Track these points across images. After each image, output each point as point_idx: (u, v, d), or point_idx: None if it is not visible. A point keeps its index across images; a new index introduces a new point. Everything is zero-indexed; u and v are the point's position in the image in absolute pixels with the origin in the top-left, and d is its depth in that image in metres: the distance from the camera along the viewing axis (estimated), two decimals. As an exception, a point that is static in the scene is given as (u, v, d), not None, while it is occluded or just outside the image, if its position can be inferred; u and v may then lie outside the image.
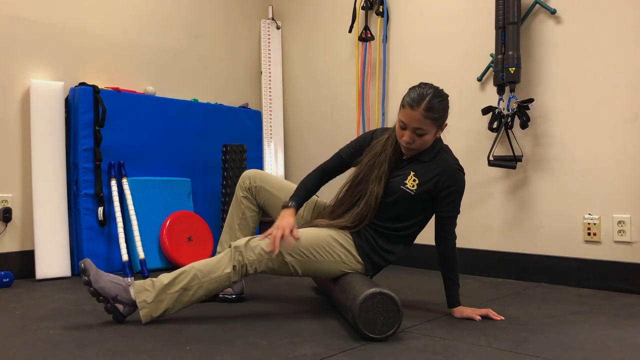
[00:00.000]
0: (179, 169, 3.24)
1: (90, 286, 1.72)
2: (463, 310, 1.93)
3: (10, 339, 1.65)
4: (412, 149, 1.91)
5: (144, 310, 1.76)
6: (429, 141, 1.90)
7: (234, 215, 2.16)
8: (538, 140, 2.72)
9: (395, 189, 1.92)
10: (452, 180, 1.91)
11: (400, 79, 3.25)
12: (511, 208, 2.81)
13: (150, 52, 3.28)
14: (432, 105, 1.82)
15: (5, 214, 2.65)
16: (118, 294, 1.76)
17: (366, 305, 1.62)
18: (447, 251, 1.95)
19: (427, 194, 1.92)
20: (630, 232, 2.45)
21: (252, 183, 2.13)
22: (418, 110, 1.82)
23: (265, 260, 1.82)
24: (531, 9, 2.72)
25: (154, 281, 1.79)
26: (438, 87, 1.91)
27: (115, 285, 1.76)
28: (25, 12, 2.76)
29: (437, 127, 1.89)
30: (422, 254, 2.94)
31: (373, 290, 1.63)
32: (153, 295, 1.77)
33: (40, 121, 2.72)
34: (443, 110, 1.88)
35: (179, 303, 1.80)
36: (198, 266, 1.82)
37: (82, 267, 1.73)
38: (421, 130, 1.85)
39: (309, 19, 3.75)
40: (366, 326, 1.63)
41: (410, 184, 1.91)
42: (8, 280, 2.47)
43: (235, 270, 1.81)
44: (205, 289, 1.80)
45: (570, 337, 1.70)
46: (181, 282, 1.79)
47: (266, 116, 3.77)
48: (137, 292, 1.77)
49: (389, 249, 1.97)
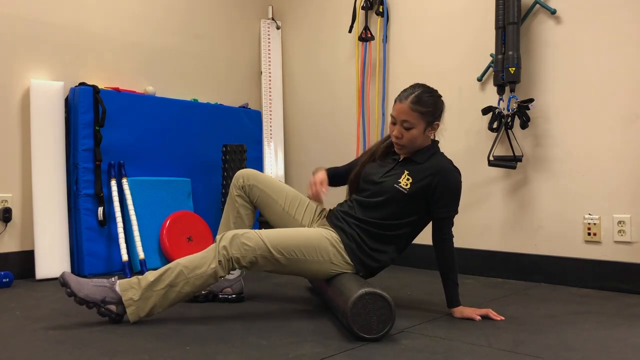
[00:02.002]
0: (179, 169, 3.24)
1: (75, 297, 1.71)
2: (463, 310, 1.93)
3: (10, 339, 1.65)
4: (402, 145, 1.95)
5: (130, 308, 1.75)
6: (417, 137, 1.93)
7: (229, 214, 2.15)
8: (538, 140, 2.72)
9: (389, 187, 1.93)
10: (446, 181, 1.92)
11: (400, 79, 3.25)
12: (511, 208, 2.81)
13: (151, 52, 3.28)
14: (420, 98, 1.90)
15: (5, 214, 2.65)
16: (105, 295, 1.74)
17: (357, 310, 1.61)
18: (445, 252, 1.94)
19: (421, 194, 1.92)
20: (630, 232, 2.45)
21: (245, 182, 2.13)
22: (405, 102, 1.90)
23: (250, 256, 1.81)
24: (531, 9, 2.72)
25: (140, 279, 1.78)
26: (433, 88, 1.97)
27: (100, 288, 1.74)
28: (25, 12, 2.75)
29: (426, 122, 1.93)
30: (422, 254, 2.94)
31: (360, 292, 1.62)
32: (139, 292, 1.76)
33: (40, 121, 2.72)
34: (432, 106, 1.92)
35: (166, 300, 1.78)
36: (184, 262, 1.81)
37: (61, 281, 1.72)
38: (408, 123, 1.91)
39: (309, 19, 3.75)
40: (362, 329, 1.62)
41: (404, 182, 1.92)
42: (8, 280, 2.47)
43: (221, 265, 1.79)
44: (192, 285, 1.79)
45: (570, 337, 1.70)
46: (167, 278, 1.77)
47: (266, 116, 3.77)
48: (123, 290, 1.76)
49: (379, 249, 1.96)
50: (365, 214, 1.96)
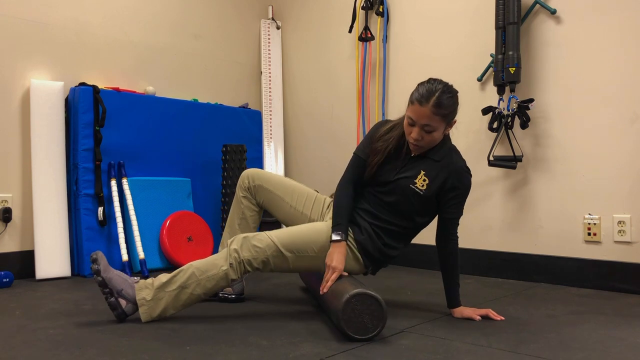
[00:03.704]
0: (179, 169, 3.24)
1: (99, 275, 1.74)
2: (463, 310, 1.93)
3: (10, 339, 1.65)
4: (420, 146, 1.87)
5: (143, 307, 1.78)
6: (437, 138, 1.87)
7: (234, 215, 2.16)
8: (538, 140, 2.72)
9: (404, 187, 1.89)
10: (460, 183, 1.90)
11: (400, 79, 3.25)
12: (511, 208, 2.81)
13: (151, 52, 3.28)
14: (442, 101, 1.78)
15: (5, 214, 2.65)
16: (123, 288, 1.77)
17: (347, 315, 1.61)
18: (449, 252, 1.94)
19: (435, 195, 1.90)
20: (630, 232, 2.45)
21: (251, 182, 2.13)
22: (427, 106, 1.77)
23: (261, 257, 1.83)
24: (531, 9, 2.72)
25: (154, 280, 1.81)
26: (447, 82, 1.87)
27: (122, 279, 1.78)
28: (25, 12, 2.75)
29: (446, 123, 1.85)
30: (422, 254, 2.95)
31: (345, 298, 1.61)
32: (152, 293, 1.78)
33: (40, 121, 2.72)
34: (452, 107, 1.84)
35: (178, 301, 1.80)
36: (196, 264, 1.83)
37: (93, 257, 1.75)
38: (430, 127, 1.81)
39: (309, 19, 3.75)
40: (358, 332, 1.62)
41: (420, 183, 1.88)
42: (8, 280, 2.47)
43: (233, 268, 1.81)
44: (203, 287, 1.81)
45: (570, 337, 1.70)
46: (179, 280, 1.80)
47: (266, 116, 3.77)
48: (138, 289, 1.79)
49: (392, 245, 1.95)
50: (379, 210, 1.93)
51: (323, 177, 3.59)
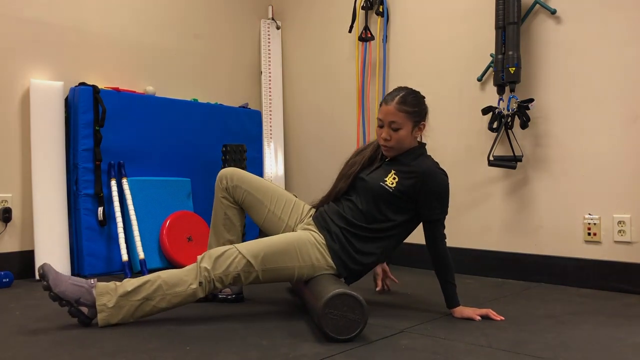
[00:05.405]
0: (179, 169, 3.24)
1: (50, 291, 1.69)
2: (463, 310, 1.93)
3: (10, 339, 1.65)
4: (390, 147, 1.96)
5: (102, 314, 1.73)
6: (405, 137, 1.94)
7: (217, 216, 2.11)
8: (538, 140, 2.72)
9: (374, 185, 1.94)
10: (432, 183, 1.92)
11: (400, 79, 3.24)
12: (511, 208, 2.81)
13: (150, 52, 3.27)
14: (405, 99, 1.93)
15: (5, 214, 2.65)
16: (80, 296, 1.72)
17: (326, 322, 1.60)
18: (439, 253, 1.94)
19: (407, 194, 1.93)
20: (630, 232, 2.45)
21: (229, 183, 2.08)
22: (392, 104, 1.93)
23: (232, 274, 1.80)
24: (531, 9, 2.72)
25: (118, 286, 1.76)
26: (416, 90, 2.00)
27: (77, 287, 1.72)
28: (25, 12, 2.75)
29: (413, 122, 1.95)
30: (421, 254, 2.94)
31: (320, 306, 1.60)
32: (114, 300, 1.74)
33: (40, 121, 2.72)
34: (417, 105, 1.95)
35: (140, 311, 1.77)
36: (165, 277, 1.78)
37: (40, 272, 1.70)
38: (396, 124, 1.93)
39: (309, 19, 3.75)
40: (344, 332, 1.61)
41: (390, 181, 1.94)
42: (8, 280, 2.47)
43: (202, 287, 1.78)
44: (168, 302, 1.77)
45: (570, 337, 1.70)
46: (144, 291, 1.75)
47: (266, 116, 3.77)
48: (99, 294, 1.74)
49: (365, 250, 1.95)
50: (351, 213, 1.96)
51: (323, 177, 3.57)
